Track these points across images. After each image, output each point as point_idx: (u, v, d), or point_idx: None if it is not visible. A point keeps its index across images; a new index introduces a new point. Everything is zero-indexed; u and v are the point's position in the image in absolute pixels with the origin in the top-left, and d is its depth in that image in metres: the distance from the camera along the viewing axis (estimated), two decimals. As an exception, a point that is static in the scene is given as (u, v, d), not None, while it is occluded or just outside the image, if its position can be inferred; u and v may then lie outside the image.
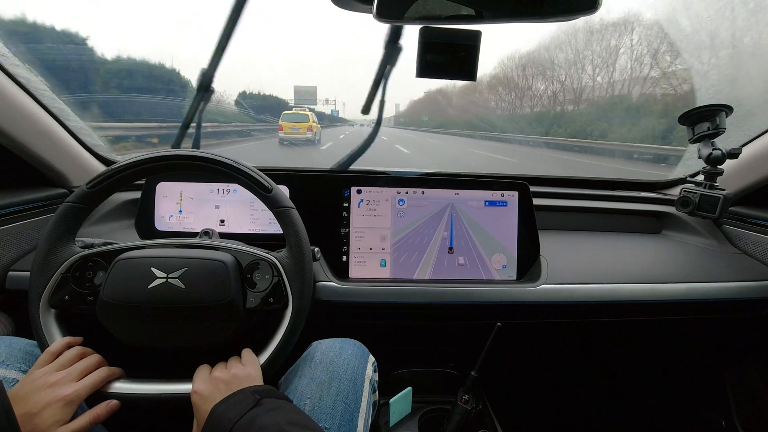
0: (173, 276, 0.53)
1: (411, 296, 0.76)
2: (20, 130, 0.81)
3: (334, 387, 0.56)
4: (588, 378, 1.12)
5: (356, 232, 0.82)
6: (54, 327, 0.55)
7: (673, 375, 1.11)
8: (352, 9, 0.58)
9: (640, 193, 1.14)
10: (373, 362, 0.64)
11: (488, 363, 0.72)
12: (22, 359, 0.54)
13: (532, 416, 1.09)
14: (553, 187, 1.13)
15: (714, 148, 0.88)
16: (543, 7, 0.54)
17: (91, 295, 0.56)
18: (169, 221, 0.85)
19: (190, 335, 0.55)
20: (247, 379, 0.51)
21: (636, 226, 1.06)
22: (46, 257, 0.55)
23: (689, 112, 0.89)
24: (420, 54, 0.60)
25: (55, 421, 0.45)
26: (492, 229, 0.83)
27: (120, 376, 0.54)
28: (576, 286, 0.78)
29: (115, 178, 0.57)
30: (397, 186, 0.83)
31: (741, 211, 0.96)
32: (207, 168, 0.59)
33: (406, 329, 0.86)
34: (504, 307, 0.77)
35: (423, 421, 0.80)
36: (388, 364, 0.82)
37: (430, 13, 0.56)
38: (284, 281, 0.57)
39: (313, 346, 0.63)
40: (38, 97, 0.85)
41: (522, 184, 0.84)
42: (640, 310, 0.80)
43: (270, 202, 0.60)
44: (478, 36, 0.59)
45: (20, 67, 0.83)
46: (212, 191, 0.86)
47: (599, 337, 0.96)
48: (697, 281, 0.81)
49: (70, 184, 0.93)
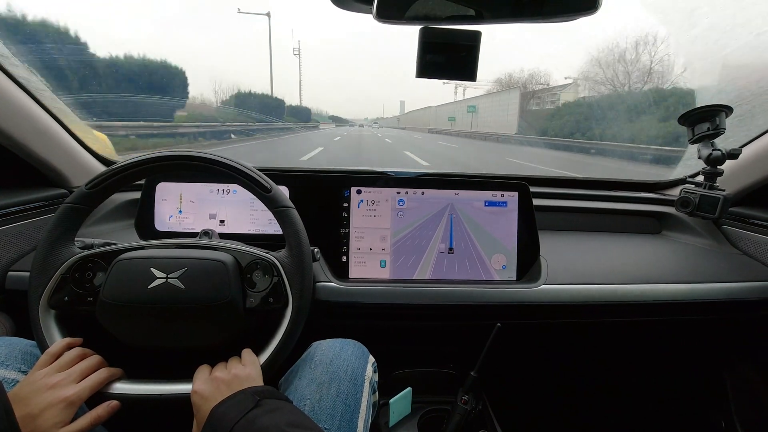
0: (173, 276, 0.53)
1: (411, 297, 0.76)
2: (20, 130, 0.81)
3: (334, 387, 0.56)
4: (588, 378, 1.12)
5: (356, 233, 0.82)
6: (54, 328, 0.55)
7: (673, 375, 1.11)
8: (352, 9, 0.58)
9: (640, 193, 1.14)
10: (373, 363, 0.64)
11: (488, 363, 0.72)
12: (22, 360, 0.54)
13: (532, 416, 1.09)
14: (553, 188, 1.13)
15: (714, 148, 0.88)
16: (543, 7, 0.54)
17: (90, 296, 0.56)
18: (168, 221, 0.85)
19: (190, 335, 0.55)
20: (247, 380, 0.51)
21: (636, 226, 1.06)
22: (46, 258, 0.55)
23: (689, 113, 0.89)
24: (420, 54, 0.59)
25: (55, 423, 0.45)
26: (492, 229, 0.83)
27: (120, 376, 0.54)
28: (576, 287, 0.78)
29: (114, 179, 0.57)
30: (397, 186, 0.83)
31: (741, 212, 0.96)
32: (207, 168, 0.59)
33: (406, 329, 0.86)
34: (504, 308, 0.77)
35: (423, 421, 0.80)
36: (388, 364, 0.82)
37: (430, 14, 0.56)
38: (284, 281, 0.57)
39: (313, 346, 0.63)
40: (38, 97, 0.85)
41: (522, 184, 0.84)
42: (640, 310, 0.80)
43: (270, 202, 0.60)
44: (478, 36, 0.58)
45: (20, 67, 0.83)
46: (212, 191, 0.86)
47: (599, 337, 0.97)
48: (697, 281, 0.81)
49: (70, 184, 0.93)
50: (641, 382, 1.14)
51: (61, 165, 0.91)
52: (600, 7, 0.51)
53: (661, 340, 1.02)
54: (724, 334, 0.98)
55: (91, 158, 1.00)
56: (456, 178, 0.85)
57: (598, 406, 1.14)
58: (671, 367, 1.10)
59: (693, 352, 1.07)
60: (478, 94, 39.84)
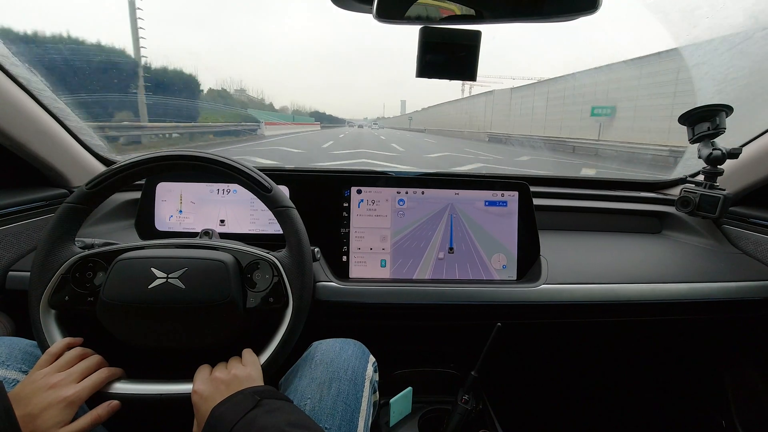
0: (173, 276, 0.53)
1: (411, 296, 0.76)
2: (20, 130, 0.81)
3: (335, 387, 0.56)
4: (588, 378, 1.12)
5: (356, 232, 0.82)
6: (54, 328, 0.55)
7: (673, 375, 1.11)
8: (352, 9, 0.58)
9: (640, 193, 1.14)
10: (373, 362, 0.64)
11: (488, 363, 0.72)
12: (22, 360, 0.54)
13: (532, 416, 1.09)
14: (553, 187, 1.13)
15: (714, 148, 0.88)
16: (543, 7, 0.54)
17: (91, 296, 0.56)
18: (169, 221, 0.85)
19: (191, 335, 0.55)
20: (247, 380, 0.51)
21: (636, 226, 1.06)
22: (46, 258, 0.55)
23: (689, 113, 0.89)
24: (420, 54, 0.60)
25: (56, 423, 0.45)
26: (492, 229, 0.83)
27: (120, 376, 0.54)
28: (576, 286, 0.78)
29: (114, 179, 0.57)
30: (397, 186, 0.83)
31: (741, 211, 0.96)
32: (207, 168, 0.59)
33: (406, 329, 0.86)
34: (504, 307, 0.77)
35: (423, 421, 0.80)
36: (388, 364, 0.83)
37: (430, 13, 0.56)
38: (284, 281, 0.57)
39: (314, 346, 0.63)
40: (38, 97, 0.85)
41: (522, 184, 0.84)
42: (640, 310, 0.80)
43: (270, 201, 0.60)
44: (478, 36, 0.59)
45: (20, 67, 0.83)
46: (212, 191, 0.86)
47: (599, 337, 0.97)
48: (698, 281, 0.81)
49: (70, 184, 0.93)
50: (641, 382, 1.14)
51: (61, 165, 0.91)
52: (600, 6, 0.51)
53: (661, 340, 1.02)
54: (724, 334, 0.98)
55: (91, 158, 1.00)
56: (456, 177, 0.85)
57: (599, 406, 1.14)
58: (671, 366, 1.10)
59: (693, 352, 1.07)
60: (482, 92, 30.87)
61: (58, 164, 0.90)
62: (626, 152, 12.00)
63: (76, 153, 0.96)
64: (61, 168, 0.91)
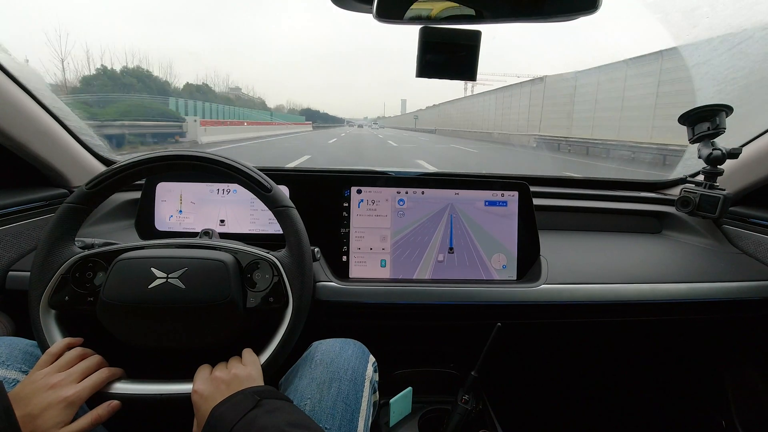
0: (173, 276, 0.53)
1: (411, 296, 0.76)
2: (20, 130, 0.81)
3: (335, 387, 0.56)
4: (588, 378, 1.12)
5: (356, 232, 0.82)
6: (54, 328, 0.55)
7: (673, 375, 1.12)
8: (352, 9, 0.58)
9: (640, 193, 1.14)
10: (373, 362, 0.64)
11: (488, 363, 0.72)
12: (22, 360, 0.54)
13: (532, 416, 1.09)
14: (553, 187, 1.13)
15: (714, 148, 0.88)
16: (543, 7, 0.54)
17: (91, 296, 0.56)
18: (169, 221, 0.85)
19: (191, 335, 0.55)
20: (247, 380, 0.51)
21: (636, 226, 1.06)
22: (46, 258, 0.55)
23: (689, 112, 0.89)
24: (420, 54, 0.60)
25: (56, 423, 0.45)
26: (492, 229, 0.83)
27: (121, 376, 0.54)
28: (576, 286, 0.78)
29: (114, 179, 0.57)
30: (397, 186, 0.83)
31: (741, 211, 0.96)
32: (207, 168, 0.59)
33: (406, 329, 0.86)
34: (504, 307, 0.77)
35: (423, 421, 0.80)
36: (388, 364, 0.82)
37: (430, 13, 0.56)
38: (284, 280, 0.57)
39: (314, 346, 0.63)
40: (38, 97, 0.85)
41: (522, 184, 0.84)
42: (641, 310, 0.80)
43: (270, 201, 0.60)
44: (478, 36, 0.59)
45: (20, 67, 0.83)
46: (212, 191, 0.86)
47: (599, 337, 0.97)
48: (698, 281, 0.81)
49: (70, 184, 0.93)
50: (641, 382, 1.14)
51: (61, 165, 0.91)
52: (600, 6, 0.51)
53: (662, 340, 1.02)
54: (724, 334, 0.98)
55: (91, 158, 1.00)
56: (456, 177, 0.85)
57: (599, 406, 1.14)
58: (671, 366, 1.10)
59: (693, 352, 1.07)
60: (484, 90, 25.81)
61: (58, 164, 0.90)
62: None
63: (76, 153, 0.96)
64: (61, 168, 0.91)
